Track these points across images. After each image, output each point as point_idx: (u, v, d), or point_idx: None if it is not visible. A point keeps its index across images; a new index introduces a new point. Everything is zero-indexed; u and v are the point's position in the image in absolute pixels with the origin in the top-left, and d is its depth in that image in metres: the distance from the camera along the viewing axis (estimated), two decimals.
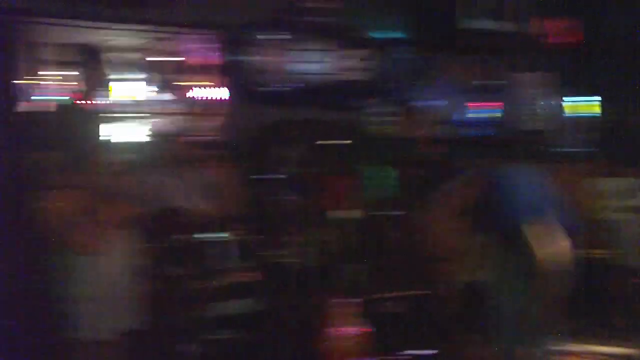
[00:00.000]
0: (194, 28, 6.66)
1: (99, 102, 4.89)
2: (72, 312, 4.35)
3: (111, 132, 4.95)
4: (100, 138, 4.67)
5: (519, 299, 4.74)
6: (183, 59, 6.62)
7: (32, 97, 5.37)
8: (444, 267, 6.22)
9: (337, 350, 5.26)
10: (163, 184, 5.64)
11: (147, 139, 6.18)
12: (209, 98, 6.61)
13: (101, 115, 5.03)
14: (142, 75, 6.28)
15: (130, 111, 6.10)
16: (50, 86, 5.72)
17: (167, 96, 6.48)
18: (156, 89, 6.41)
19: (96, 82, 4.71)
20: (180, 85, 6.56)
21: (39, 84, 5.60)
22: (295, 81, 6.88)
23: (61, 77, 5.79)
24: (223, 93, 6.69)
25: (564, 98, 8.73)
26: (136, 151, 5.20)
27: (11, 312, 4.74)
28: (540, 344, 4.79)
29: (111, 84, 5.87)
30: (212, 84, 6.67)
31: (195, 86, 6.59)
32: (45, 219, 4.26)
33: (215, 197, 5.89)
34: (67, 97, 4.97)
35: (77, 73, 4.95)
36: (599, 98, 8.87)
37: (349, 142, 6.87)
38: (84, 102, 4.74)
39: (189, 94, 6.53)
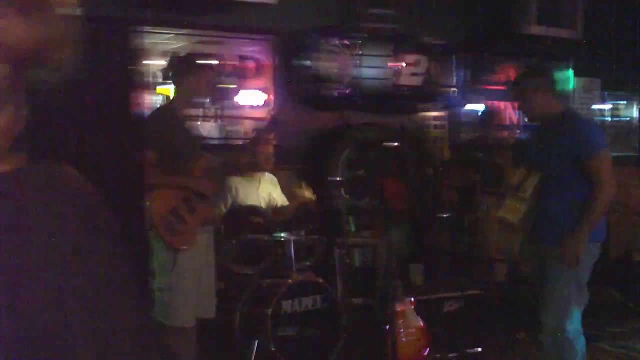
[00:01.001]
0: (254, 32, 6.80)
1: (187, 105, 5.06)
2: (161, 300, 4.64)
3: (200, 135, 5.21)
4: (191, 141, 4.91)
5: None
6: (244, 63, 6.78)
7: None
8: (497, 266, 6.49)
9: (398, 348, 5.49)
10: (237, 185, 6.00)
11: (224, 142, 6.51)
12: (268, 103, 6.78)
13: (190, 118, 5.23)
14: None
15: (205, 116, 6.41)
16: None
17: (231, 101, 6.69)
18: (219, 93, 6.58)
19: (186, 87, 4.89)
20: (238, 90, 6.74)
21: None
22: (354, 86, 6.99)
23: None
24: (282, 98, 6.83)
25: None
26: (216, 154, 5.45)
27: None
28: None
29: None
30: (270, 88, 6.81)
31: (253, 91, 6.75)
32: (147, 216, 4.56)
33: (283, 199, 6.23)
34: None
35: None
36: None
37: (408, 145, 7.06)
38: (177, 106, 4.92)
39: (247, 99, 6.70)
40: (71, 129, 4.23)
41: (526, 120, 4.95)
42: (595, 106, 8.84)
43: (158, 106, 5.66)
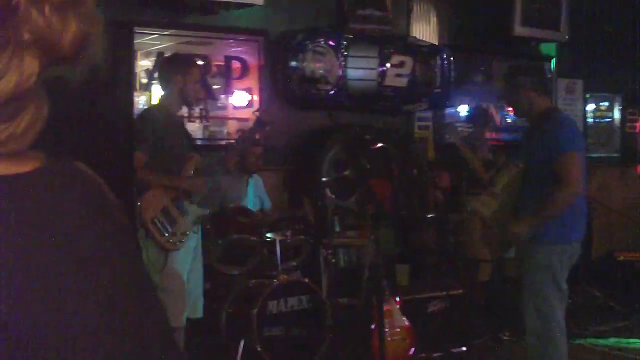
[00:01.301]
0: (241, 33, 6.82)
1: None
2: None
3: (189, 135, 5.23)
4: (181, 141, 4.93)
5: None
6: (232, 64, 6.77)
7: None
8: (481, 266, 6.55)
9: (384, 347, 5.52)
10: (223, 185, 6.02)
11: (210, 142, 6.53)
12: (255, 104, 6.78)
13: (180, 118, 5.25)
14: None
15: (192, 116, 6.42)
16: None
17: (219, 101, 6.72)
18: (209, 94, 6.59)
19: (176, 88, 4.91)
20: (229, 89, 6.77)
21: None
22: (344, 87, 7.03)
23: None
24: (269, 99, 6.85)
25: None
26: (203, 154, 5.46)
27: None
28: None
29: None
30: (258, 89, 6.83)
31: (240, 92, 6.79)
32: (139, 215, 4.57)
33: (265, 199, 6.25)
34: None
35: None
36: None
37: (395, 145, 7.09)
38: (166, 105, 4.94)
39: (237, 99, 6.74)
40: (65, 127, 4.26)
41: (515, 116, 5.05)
42: (577, 107, 8.92)
43: (148, 106, 5.68)
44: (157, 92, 5.96)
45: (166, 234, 4.59)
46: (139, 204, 4.53)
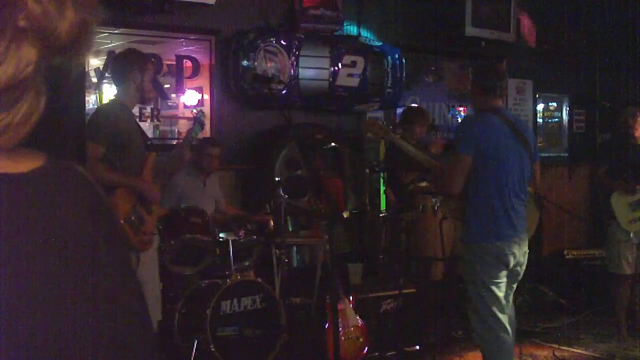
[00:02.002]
0: (192, 32, 6.78)
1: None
2: None
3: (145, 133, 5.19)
4: (141, 138, 4.87)
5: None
6: (183, 63, 6.73)
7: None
8: (434, 265, 6.59)
9: (338, 346, 5.52)
10: (176, 185, 5.97)
11: (160, 141, 6.47)
12: (207, 102, 6.78)
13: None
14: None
15: (143, 115, 6.36)
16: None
17: (171, 100, 6.67)
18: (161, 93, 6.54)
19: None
20: (180, 88, 6.73)
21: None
22: (296, 86, 7.04)
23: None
24: (220, 98, 6.83)
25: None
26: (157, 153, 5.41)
27: None
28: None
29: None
30: (208, 88, 6.82)
31: (194, 90, 6.76)
32: None
33: (221, 199, 6.23)
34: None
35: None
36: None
37: (346, 145, 7.10)
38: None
39: (189, 98, 6.71)
40: None
41: None
42: (527, 107, 9.04)
43: (103, 103, 5.59)
44: (108, 91, 5.90)
45: (139, 234, 4.50)
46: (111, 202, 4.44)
